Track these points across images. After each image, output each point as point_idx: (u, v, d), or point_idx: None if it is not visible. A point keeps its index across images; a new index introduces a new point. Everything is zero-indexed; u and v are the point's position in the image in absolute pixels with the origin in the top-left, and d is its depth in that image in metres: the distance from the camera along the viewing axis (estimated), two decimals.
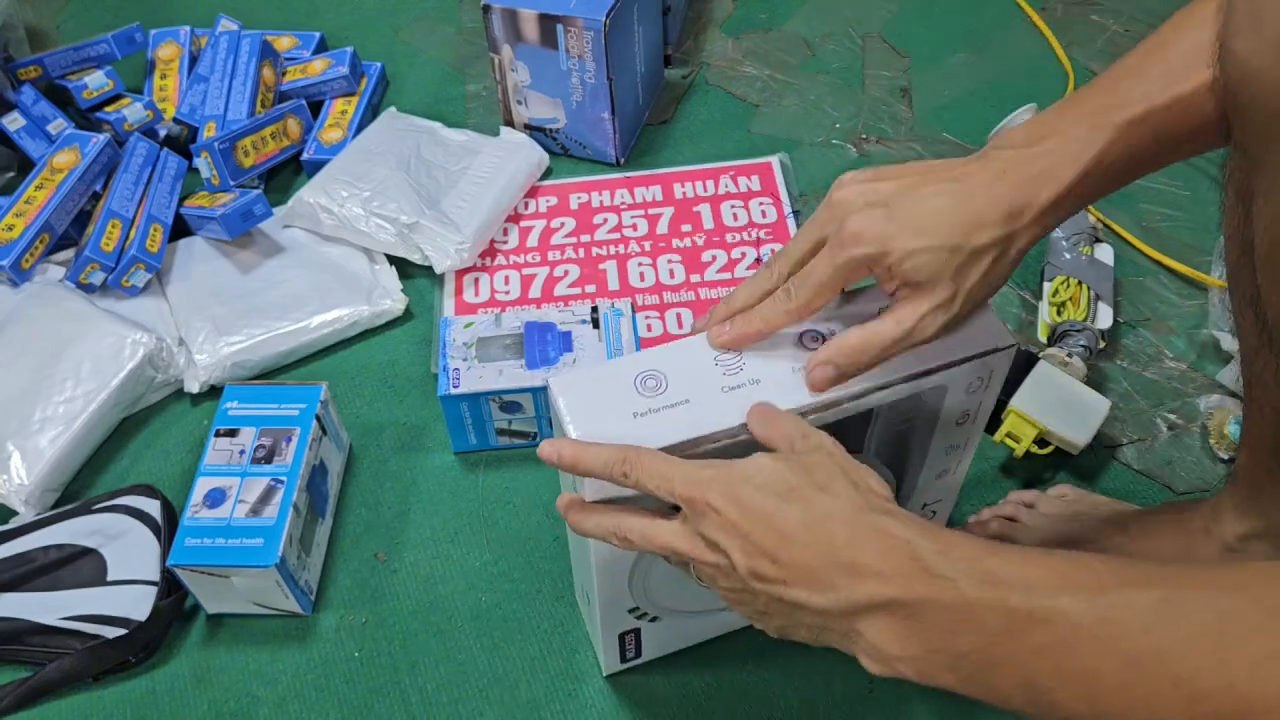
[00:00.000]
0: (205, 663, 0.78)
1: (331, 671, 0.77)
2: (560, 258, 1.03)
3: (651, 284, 1.00)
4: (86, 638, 0.76)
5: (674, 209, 1.07)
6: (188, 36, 1.23)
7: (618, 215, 1.07)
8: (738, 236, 1.04)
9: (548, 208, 1.08)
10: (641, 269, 1.01)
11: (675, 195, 1.08)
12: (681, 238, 1.04)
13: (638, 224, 1.06)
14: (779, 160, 1.12)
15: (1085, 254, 0.94)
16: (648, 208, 1.07)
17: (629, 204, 1.08)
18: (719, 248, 1.03)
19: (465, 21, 1.34)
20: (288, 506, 0.76)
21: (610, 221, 1.06)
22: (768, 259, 0.60)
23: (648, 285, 1.00)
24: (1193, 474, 0.85)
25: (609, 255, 1.03)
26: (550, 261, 1.02)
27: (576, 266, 1.02)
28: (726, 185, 1.09)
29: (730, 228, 1.05)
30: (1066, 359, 0.87)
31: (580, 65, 1.06)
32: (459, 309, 0.98)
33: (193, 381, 0.93)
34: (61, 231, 1.01)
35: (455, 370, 0.84)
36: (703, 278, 1.00)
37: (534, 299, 0.99)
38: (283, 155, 1.12)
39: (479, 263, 1.02)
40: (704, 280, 1.00)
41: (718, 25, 1.31)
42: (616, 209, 1.07)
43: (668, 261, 1.02)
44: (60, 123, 1.12)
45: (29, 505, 0.84)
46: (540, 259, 1.03)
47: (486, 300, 0.99)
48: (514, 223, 1.05)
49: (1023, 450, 0.83)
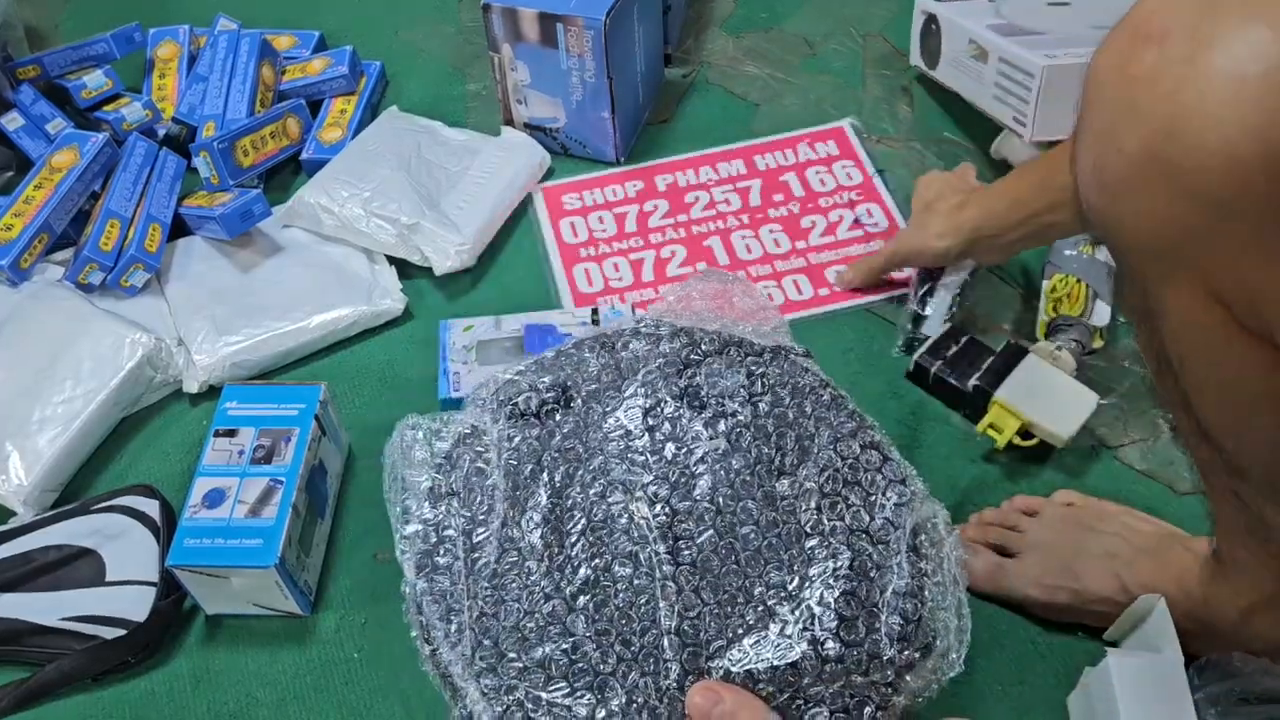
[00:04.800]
0: (204, 663, 0.78)
1: (331, 672, 0.77)
2: (663, 239, 1.04)
3: (760, 255, 1.02)
4: (85, 638, 0.76)
5: (761, 180, 1.09)
6: (187, 36, 1.23)
7: (708, 192, 1.08)
8: (830, 200, 1.07)
9: (635, 192, 1.09)
10: (746, 241, 1.03)
11: (759, 167, 1.10)
12: (776, 207, 1.06)
13: (729, 199, 1.07)
14: (849, 124, 1.15)
15: (1086, 253, 0.94)
16: (735, 181, 1.09)
17: (715, 180, 1.10)
18: (816, 213, 1.06)
19: (465, 21, 1.34)
20: (287, 507, 0.76)
21: (702, 199, 1.08)
22: None
23: (756, 256, 1.02)
24: (1194, 474, 0.85)
25: (710, 232, 1.04)
26: (653, 245, 1.04)
27: (681, 247, 1.03)
28: (805, 153, 1.12)
29: (820, 193, 1.07)
30: (1055, 352, 0.87)
31: (580, 64, 1.05)
32: (578, 301, 0.99)
33: (192, 381, 0.93)
34: (60, 231, 1.01)
35: (456, 373, 0.84)
36: (808, 243, 1.03)
37: (648, 282, 1.01)
38: (282, 155, 1.11)
39: (585, 253, 1.03)
40: (810, 246, 1.03)
41: (718, 24, 1.31)
42: (705, 186, 1.09)
43: (770, 232, 1.04)
44: (59, 122, 1.12)
45: (27, 505, 0.84)
46: (644, 243, 1.04)
47: (601, 290, 1.00)
48: (606, 210, 1.07)
49: (1004, 441, 0.83)
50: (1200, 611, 0.68)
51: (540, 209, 1.09)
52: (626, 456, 0.64)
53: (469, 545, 0.63)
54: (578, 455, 0.65)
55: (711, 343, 0.70)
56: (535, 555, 0.61)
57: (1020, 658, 0.75)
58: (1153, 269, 0.50)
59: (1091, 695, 0.68)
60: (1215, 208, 0.44)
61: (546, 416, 0.67)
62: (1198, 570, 0.69)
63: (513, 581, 0.61)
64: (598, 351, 0.69)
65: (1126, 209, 0.48)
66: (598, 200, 1.08)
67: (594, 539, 0.62)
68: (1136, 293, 0.53)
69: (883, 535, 0.61)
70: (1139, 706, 0.64)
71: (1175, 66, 0.44)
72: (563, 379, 0.68)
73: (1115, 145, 0.47)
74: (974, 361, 0.88)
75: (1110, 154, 0.47)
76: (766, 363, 0.69)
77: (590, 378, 0.68)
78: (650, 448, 0.64)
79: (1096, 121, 0.48)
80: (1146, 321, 0.54)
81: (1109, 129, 0.47)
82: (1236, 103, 0.42)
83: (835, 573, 0.60)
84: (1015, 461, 0.86)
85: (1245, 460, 0.56)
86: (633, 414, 0.65)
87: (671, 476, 0.63)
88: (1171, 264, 0.49)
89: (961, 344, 0.90)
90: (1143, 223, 0.48)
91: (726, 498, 0.62)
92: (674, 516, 0.62)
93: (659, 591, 0.60)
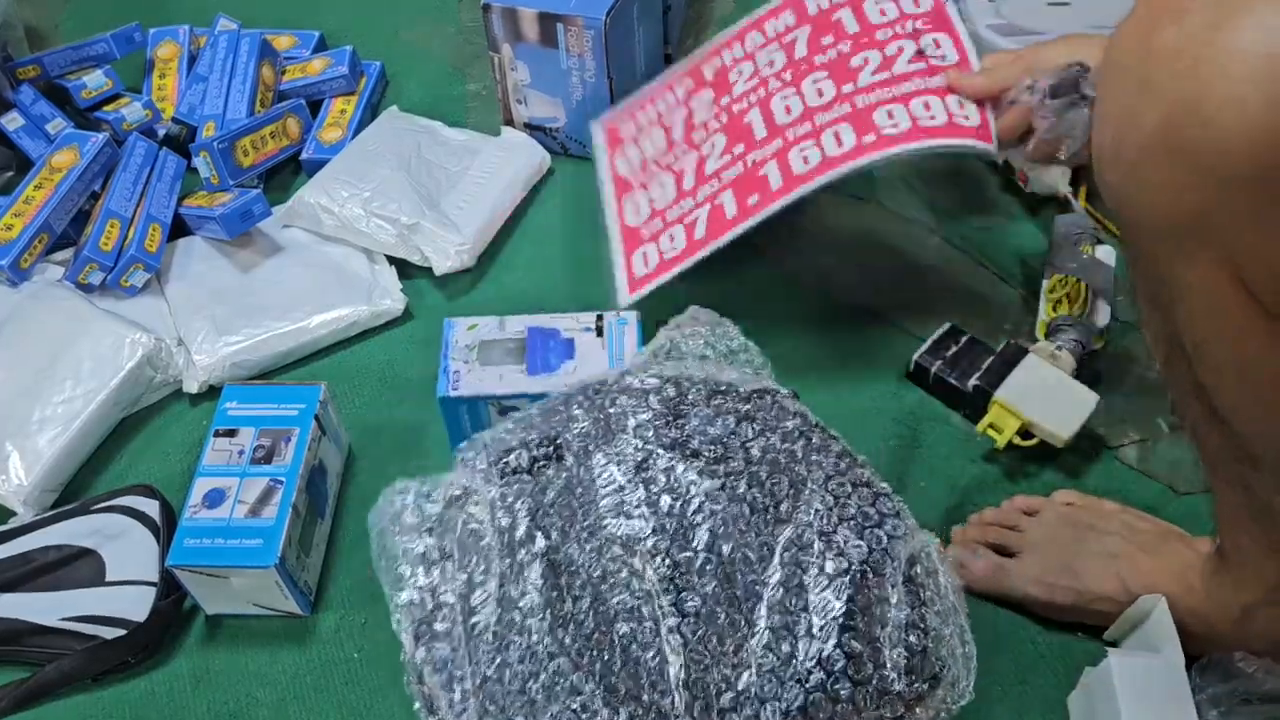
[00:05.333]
0: (204, 663, 0.78)
1: (331, 672, 0.77)
2: (706, 135, 0.92)
3: (799, 113, 0.87)
4: (85, 638, 0.76)
5: (810, 26, 0.92)
6: (187, 36, 1.23)
7: (752, 62, 0.93)
8: (889, 32, 0.88)
9: (684, 93, 0.97)
10: (786, 102, 0.88)
11: (810, 12, 0.93)
12: (823, 52, 0.90)
13: (774, 59, 0.92)
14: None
15: (1086, 253, 0.94)
16: (781, 37, 0.93)
17: (762, 43, 0.94)
18: (870, 48, 0.88)
19: (465, 21, 1.34)
20: (287, 507, 0.76)
21: (746, 70, 0.93)
22: None
23: (795, 116, 0.87)
24: (1194, 474, 0.85)
25: (753, 102, 0.90)
26: (696, 144, 0.92)
27: (721, 135, 0.90)
28: None
29: (879, 25, 0.89)
30: (1055, 352, 0.87)
31: (580, 64, 1.05)
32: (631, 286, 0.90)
33: (192, 381, 0.93)
34: (60, 231, 1.01)
35: (456, 372, 0.84)
36: (856, 85, 0.85)
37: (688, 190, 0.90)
38: (282, 155, 1.11)
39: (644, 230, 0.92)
40: (859, 87, 0.85)
41: (718, 24, 1.31)
42: (750, 56, 0.94)
43: (813, 83, 0.88)
44: (59, 122, 1.12)
45: (27, 505, 0.84)
46: (687, 146, 0.93)
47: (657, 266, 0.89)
48: (656, 126, 0.97)
49: (1004, 441, 0.83)
50: (1202, 608, 0.68)
51: (600, 150, 1.01)
52: (622, 510, 0.63)
53: (467, 609, 0.61)
54: (573, 511, 0.63)
55: (699, 390, 0.69)
56: (536, 614, 0.60)
57: (1020, 658, 0.75)
58: (1170, 248, 0.49)
59: (1092, 695, 0.68)
60: (1236, 185, 0.44)
61: (539, 473, 0.65)
62: (1199, 567, 0.69)
63: (514, 642, 0.60)
64: (586, 407, 0.68)
65: (1145, 186, 0.48)
66: (650, 118, 0.98)
67: (595, 594, 0.60)
68: (1150, 275, 0.53)
69: (879, 568, 0.61)
70: (1140, 707, 0.64)
71: (1195, 42, 0.44)
72: (553, 434, 0.67)
73: (1134, 122, 0.46)
74: (974, 361, 0.88)
75: (1129, 130, 0.47)
76: (754, 408, 0.68)
77: (580, 433, 0.67)
78: (646, 500, 0.63)
79: (1116, 98, 0.48)
80: (1159, 304, 0.54)
81: (1128, 105, 0.47)
82: (1258, 79, 0.42)
83: (838, 611, 0.59)
84: (1015, 461, 0.86)
85: (1260, 446, 0.56)
86: (626, 467, 0.64)
87: (670, 528, 0.62)
88: (1191, 243, 0.48)
89: (961, 344, 0.90)
90: (1161, 200, 0.47)
91: (726, 547, 0.61)
92: (675, 569, 0.61)
93: (665, 645, 0.59)
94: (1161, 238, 0.50)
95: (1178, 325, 0.53)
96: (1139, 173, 0.47)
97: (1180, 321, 0.52)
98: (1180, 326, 0.53)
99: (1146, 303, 0.57)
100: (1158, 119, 0.45)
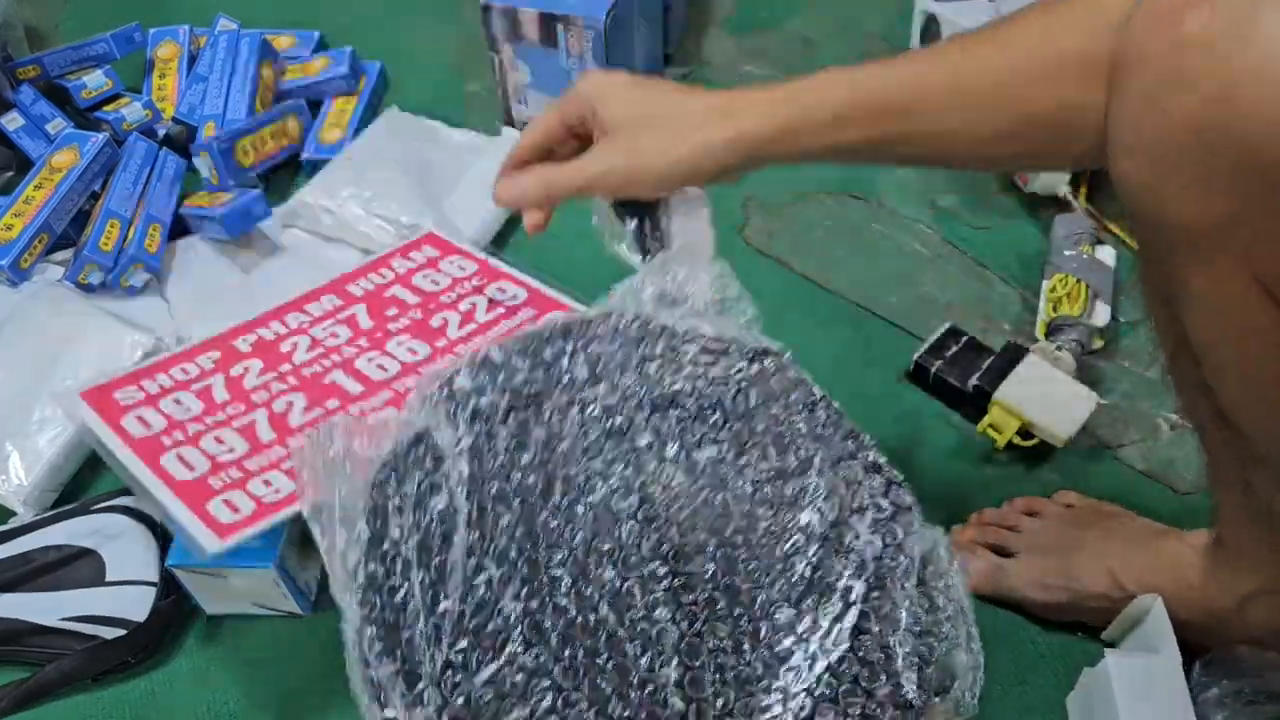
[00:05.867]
0: (204, 663, 0.78)
1: (331, 672, 0.77)
2: (269, 395, 0.80)
3: (396, 370, 0.82)
4: (85, 638, 0.76)
5: (364, 304, 0.89)
6: (187, 36, 1.23)
7: (306, 335, 0.86)
8: (453, 294, 0.89)
9: (213, 363, 0.84)
10: (376, 362, 0.83)
11: (355, 294, 0.90)
12: (394, 320, 0.87)
13: (336, 331, 0.86)
14: (432, 221, 0.99)
15: (1086, 253, 0.94)
16: (333, 315, 0.88)
17: (311, 320, 0.88)
18: (442, 310, 0.87)
19: (465, 21, 1.34)
20: None
21: (302, 343, 0.86)
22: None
23: (394, 373, 0.82)
24: (1194, 474, 0.85)
25: (328, 368, 0.83)
26: (260, 404, 0.80)
27: (299, 394, 0.80)
28: (403, 265, 0.93)
29: (437, 291, 0.89)
30: (1056, 352, 0.87)
31: (580, 64, 1.05)
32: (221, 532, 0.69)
33: None
34: (60, 231, 1.01)
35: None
36: (449, 338, 0.85)
37: (269, 442, 0.76)
38: (282, 155, 1.12)
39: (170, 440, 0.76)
40: (452, 339, 0.84)
41: (718, 24, 1.31)
42: (300, 331, 0.87)
43: (400, 344, 0.84)
44: (59, 122, 1.12)
45: (27, 505, 0.84)
46: (245, 406, 0.79)
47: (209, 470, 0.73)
48: (181, 390, 0.81)
49: (1004, 441, 0.83)
50: (1198, 600, 0.68)
51: (93, 422, 0.77)
52: (606, 478, 0.56)
53: (427, 581, 0.53)
54: (551, 475, 0.56)
55: (696, 345, 0.62)
56: (512, 594, 0.52)
57: (1020, 658, 0.75)
58: (1189, 246, 0.47)
59: (1090, 696, 0.69)
60: (1274, 184, 0.41)
61: (517, 428, 0.57)
62: (1196, 563, 0.69)
63: (485, 625, 0.52)
64: (569, 353, 0.61)
65: (1172, 182, 0.44)
66: (164, 385, 0.82)
67: (577, 572, 0.54)
68: (1160, 271, 0.51)
69: (892, 568, 0.56)
70: (1137, 707, 0.64)
71: (1232, 27, 0.40)
72: (532, 381, 0.59)
73: (1160, 112, 0.43)
74: (974, 361, 0.88)
75: (1154, 122, 0.44)
76: (757, 372, 0.62)
77: (563, 383, 0.60)
78: (634, 464, 0.57)
79: (1138, 85, 0.45)
80: (1167, 301, 0.52)
81: (1153, 95, 0.44)
82: None
83: (849, 616, 0.54)
84: (1015, 461, 0.86)
85: (1265, 445, 0.55)
86: (612, 424, 0.58)
87: (663, 501, 0.56)
88: (1213, 242, 0.46)
89: (961, 344, 0.90)
90: (1189, 197, 0.44)
91: (725, 528, 0.56)
92: (669, 547, 0.55)
93: (656, 636, 0.52)
94: (1182, 234, 0.47)
95: (1187, 321, 0.51)
96: (1164, 167, 0.44)
97: (1190, 318, 0.51)
98: (1189, 323, 0.51)
99: (1153, 295, 0.56)
100: (1189, 111, 0.42)
